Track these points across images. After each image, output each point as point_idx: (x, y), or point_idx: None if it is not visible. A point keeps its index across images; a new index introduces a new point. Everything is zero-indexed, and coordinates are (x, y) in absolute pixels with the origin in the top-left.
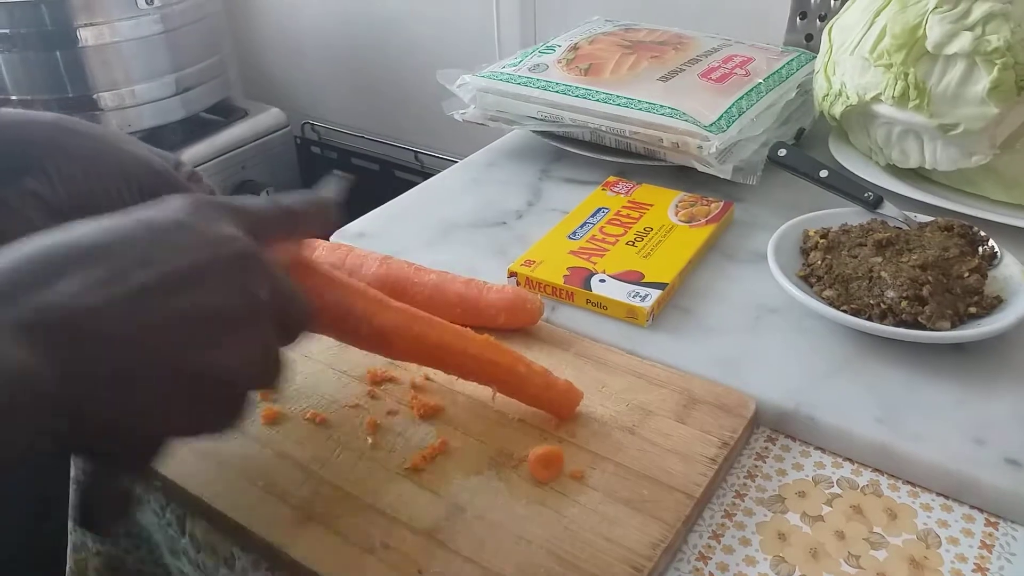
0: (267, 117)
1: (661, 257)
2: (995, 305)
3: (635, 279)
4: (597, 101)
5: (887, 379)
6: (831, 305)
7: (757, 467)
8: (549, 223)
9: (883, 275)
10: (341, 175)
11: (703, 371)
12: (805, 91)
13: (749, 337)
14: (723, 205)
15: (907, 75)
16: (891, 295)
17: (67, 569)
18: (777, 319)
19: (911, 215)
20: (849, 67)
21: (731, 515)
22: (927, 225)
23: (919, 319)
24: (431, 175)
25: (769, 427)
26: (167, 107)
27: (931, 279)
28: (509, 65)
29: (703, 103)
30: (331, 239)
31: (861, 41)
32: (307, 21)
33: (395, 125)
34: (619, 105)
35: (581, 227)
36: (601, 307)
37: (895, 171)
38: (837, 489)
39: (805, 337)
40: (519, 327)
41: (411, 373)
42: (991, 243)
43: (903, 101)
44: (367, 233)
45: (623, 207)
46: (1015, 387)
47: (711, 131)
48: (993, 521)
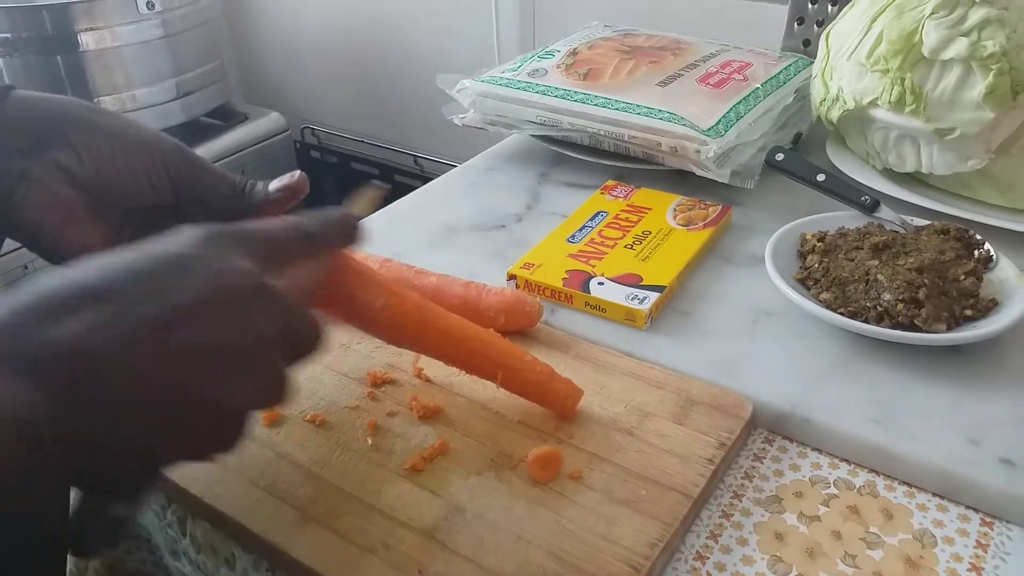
0: (267, 121)
1: (659, 260)
2: (991, 308)
3: (633, 282)
4: (596, 106)
5: (883, 381)
6: (828, 308)
7: (754, 468)
8: (548, 227)
9: (880, 278)
10: (377, 185)
11: (701, 373)
12: (802, 96)
13: (746, 339)
14: (721, 209)
15: (903, 80)
16: (887, 298)
17: (67, 570)
18: (774, 322)
19: (907, 219)
20: (846, 72)
21: (729, 515)
22: (923, 229)
23: (915, 321)
24: (430, 179)
25: (766, 428)
26: (167, 111)
27: (927, 282)
28: (508, 70)
29: (701, 108)
30: None
31: (858, 46)
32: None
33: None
34: (618, 110)
35: (580, 230)
36: (600, 310)
37: (892, 175)
38: (834, 490)
39: (802, 339)
40: (518, 329)
41: (410, 375)
42: (987, 246)
43: (900, 106)
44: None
45: (622, 211)
46: (1010, 388)
47: (709, 135)
48: (988, 521)
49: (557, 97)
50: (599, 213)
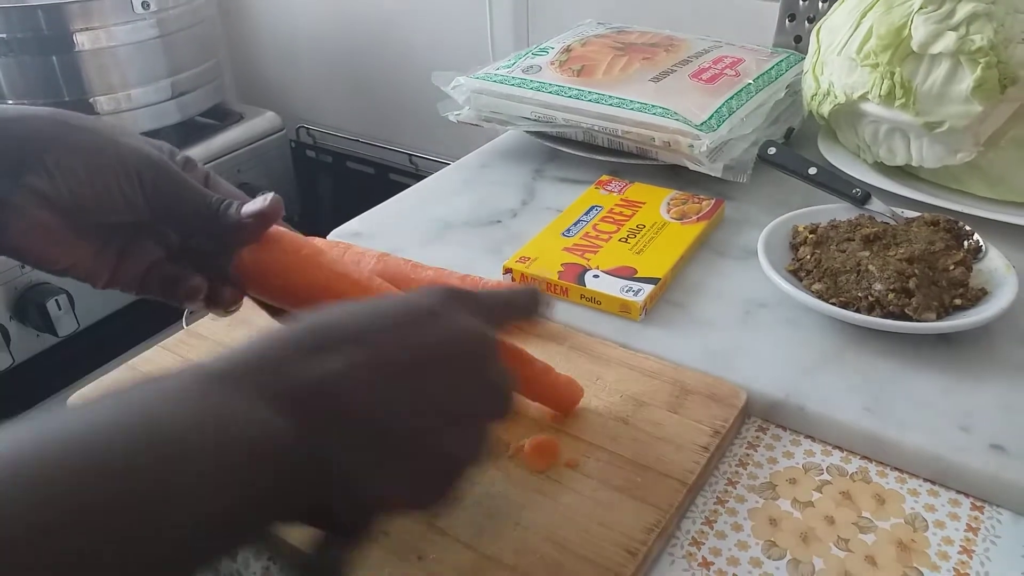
0: (262, 121)
1: (653, 253)
2: (980, 297)
3: (628, 275)
4: (590, 101)
5: (875, 369)
6: (820, 298)
7: (748, 455)
8: (543, 221)
9: (871, 268)
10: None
11: (695, 363)
12: (794, 91)
13: (740, 330)
14: (714, 203)
15: (893, 74)
16: (879, 288)
17: None
18: (767, 313)
19: (898, 211)
20: (837, 67)
21: (723, 501)
22: (914, 220)
23: (906, 311)
24: (425, 178)
25: (760, 417)
26: (163, 111)
27: (917, 272)
28: (503, 67)
29: (694, 103)
30: (327, 237)
31: (848, 42)
32: (301, 25)
33: (389, 129)
34: (611, 105)
35: (575, 225)
36: (595, 302)
37: (882, 168)
38: (827, 476)
39: (795, 330)
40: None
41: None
42: (976, 237)
43: (889, 100)
44: (363, 233)
45: (616, 205)
46: (999, 376)
47: (702, 130)
48: (979, 505)
49: (551, 93)
50: (593, 208)
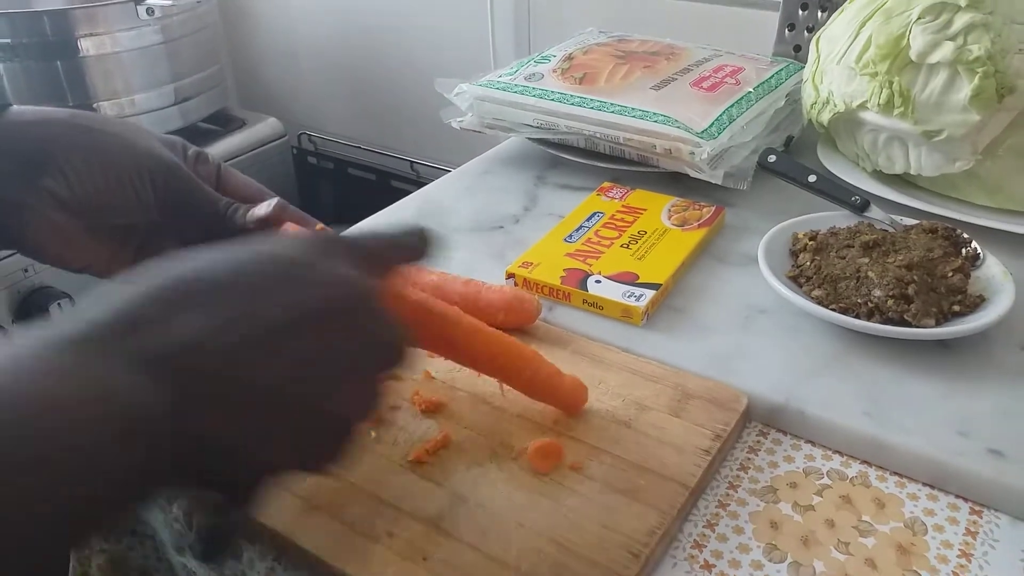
0: (264, 127)
1: (655, 259)
2: (978, 303)
3: (630, 280)
4: (592, 109)
5: (874, 375)
6: (820, 304)
7: (749, 460)
8: (545, 227)
9: (870, 275)
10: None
11: (696, 368)
12: (794, 100)
13: (741, 336)
14: (715, 210)
15: (892, 83)
16: (878, 294)
17: (71, 567)
18: (768, 318)
19: (897, 218)
20: (836, 76)
21: (725, 505)
22: (912, 228)
23: (905, 317)
24: (426, 184)
25: (761, 422)
26: (166, 116)
27: (916, 278)
28: (506, 74)
29: (695, 111)
30: None
31: (847, 51)
32: (303, 33)
33: (391, 135)
34: (613, 113)
35: (577, 230)
36: (597, 307)
37: (881, 176)
38: (827, 480)
39: (795, 335)
40: (517, 326)
41: (412, 371)
42: (974, 244)
43: (888, 109)
44: None
45: (617, 211)
46: (998, 381)
47: (703, 138)
48: (977, 509)
49: (554, 101)
50: (595, 214)
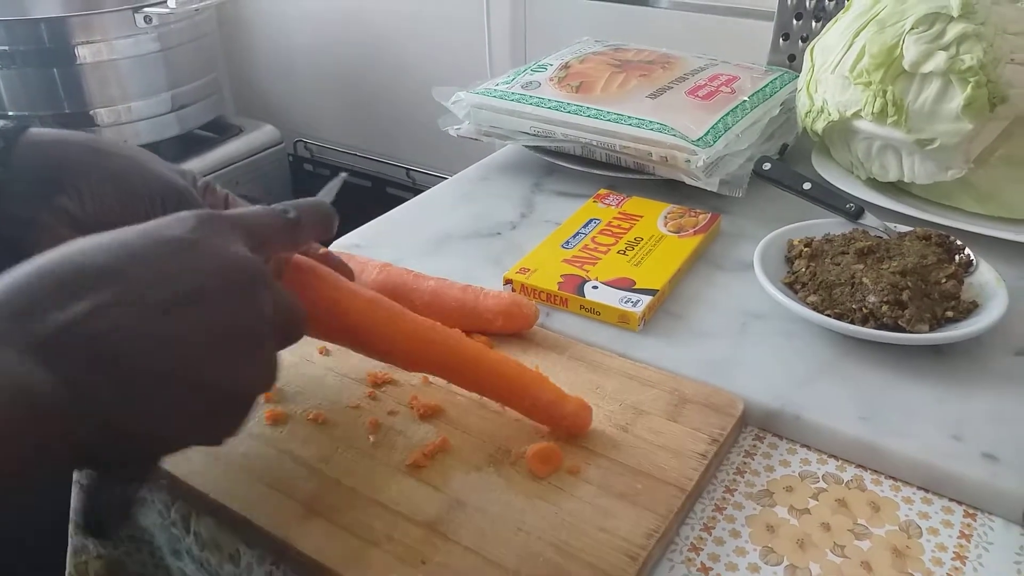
0: (261, 134)
1: (651, 265)
2: (971, 309)
3: (627, 286)
4: (588, 117)
5: (869, 380)
6: (815, 310)
7: (746, 464)
8: (542, 234)
9: (865, 281)
10: (340, 178)
11: (693, 373)
12: (788, 108)
13: (737, 341)
14: (710, 217)
15: (885, 92)
16: (872, 300)
17: (67, 573)
18: (763, 324)
19: (891, 225)
20: (830, 85)
21: (721, 509)
22: (906, 235)
23: (899, 322)
24: (422, 192)
25: (757, 426)
26: (163, 124)
27: (910, 284)
28: (503, 83)
29: (690, 119)
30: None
31: (841, 60)
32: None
33: (387, 143)
34: (609, 121)
35: (574, 237)
36: (594, 312)
37: (875, 184)
38: (823, 484)
39: (790, 341)
40: (515, 331)
41: (410, 376)
42: (967, 251)
43: (882, 117)
44: (362, 245)
45: (614, 218)
46: (991, 386)
47: (698, 146)
48: (971, 513)
49: (550, 109)
50: (592, 220)
